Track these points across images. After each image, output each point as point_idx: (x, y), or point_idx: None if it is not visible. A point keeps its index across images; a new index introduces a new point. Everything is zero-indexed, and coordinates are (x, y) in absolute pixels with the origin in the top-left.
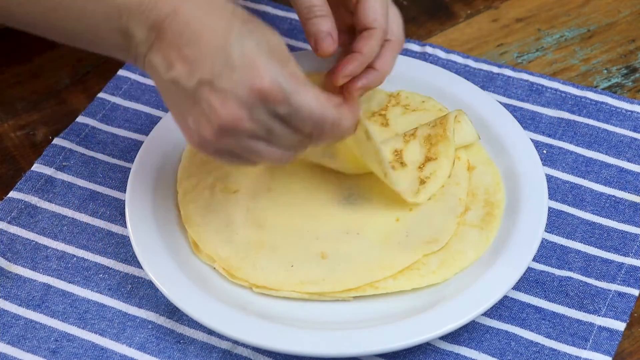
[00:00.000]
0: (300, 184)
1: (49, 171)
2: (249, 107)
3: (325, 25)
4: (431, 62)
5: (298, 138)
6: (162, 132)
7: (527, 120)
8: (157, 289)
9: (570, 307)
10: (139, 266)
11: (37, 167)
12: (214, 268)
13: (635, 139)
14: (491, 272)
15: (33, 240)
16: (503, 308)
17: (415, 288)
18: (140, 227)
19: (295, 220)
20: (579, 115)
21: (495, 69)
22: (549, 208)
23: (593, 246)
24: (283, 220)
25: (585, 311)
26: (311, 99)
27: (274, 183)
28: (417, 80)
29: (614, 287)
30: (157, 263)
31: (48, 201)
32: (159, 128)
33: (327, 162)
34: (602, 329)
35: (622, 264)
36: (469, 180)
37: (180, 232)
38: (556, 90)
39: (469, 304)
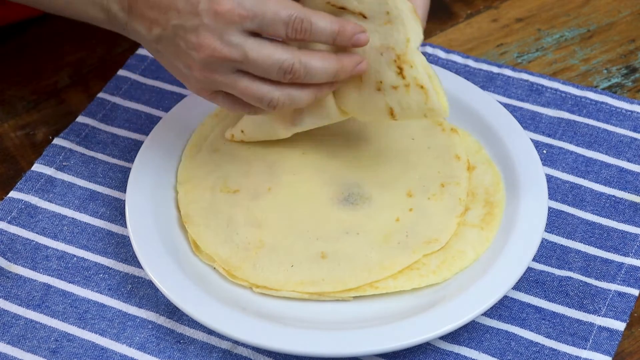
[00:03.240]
0: (300, 184)
1: (49, 171)
2: (220, 33)
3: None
4: (431, 62)
5: (276, 57)
6: (162, 132)
7: (527, 120)
8: (157, 289)
9: (570, 307)
10: (139, 266)
11: (37, 167)
12: (214, 268)
13: (635, 139)
14: (491, 272)
15: (33, 240)
16: (503, 308)
17: (415, 288)
18: (140, 227)
19: (295, 220)
20: (579, 115)
21: (495, 69)
22: (549, 208)
23: (593, 246)
24: (283, 220)
25: (585, 311)
26: (273, 3)
27: (274, 183)
28: None
29: (614, 287)
30: (157, 263)
31: (48, 201)
32: (159, 128)
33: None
34: (602, 329)
35: (622, 264)
36: (469, 180)
37: (180, 232)
38: (556, 90)
39: (469, 304)
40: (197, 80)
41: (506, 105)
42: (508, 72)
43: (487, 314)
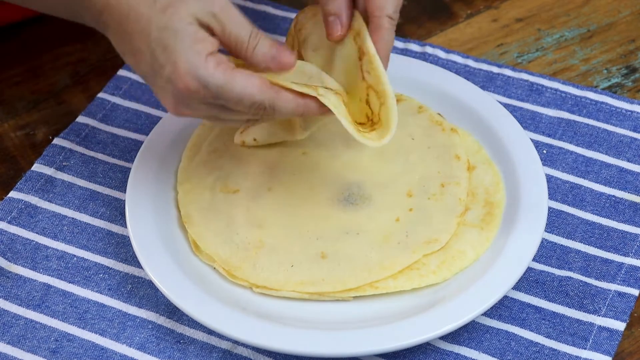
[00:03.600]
0: (300, 184)
1: (49, 171)
2: (185, 101)
3: (335, 7)
4: (431, 62)
5: (244, 118)
6: (162, 132)
7: (527, 120)
8: (157, 289)
9: (570, 307)
10: (139, 266)
11: (37, 167)
12: (214, 268)
13: (635, 139)
14: (491, 272)
15: (33, 240)
16: (503, 308)
17: (415, 288)
18: (140, 227)
19: (295, 220)
20: (579, 115)
21: (495, 69)
22: (549, 208)
23: (593, 246)
24: (283, 220)
25: (585, 311)
26: (238, 89)
27: (274, 183)
28: (417, 81)
29: (614, 287)
30: (157, 263)
31: (48, 201)
32: (159, 128)
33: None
34: (602, 329)
35: (622, 263)
36: (469, 180)
37: (180, 232)
38: (556, 90)
39: (469, 304)
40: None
41: (506, 105)
42: (508, 72)
43: (487, 314)
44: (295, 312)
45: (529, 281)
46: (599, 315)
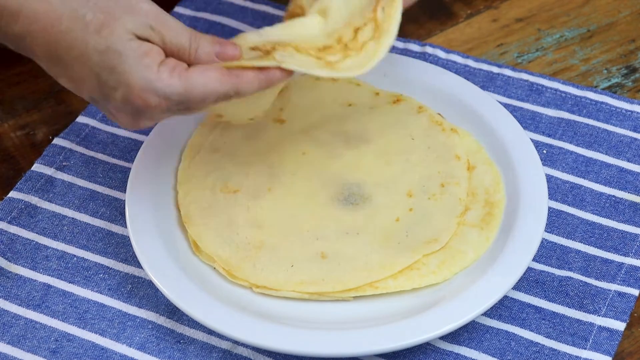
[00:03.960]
0: (300, 184)
1: (49, 171)
2: (146, 116)
3: None
4: (431, 62)
5: (209, 108)
6: (162, 132)
7: (527, 120)
8: (157, 289)
9: (570, 307)
10: (139, 266)
11: (37, 167)
12: (214, 268)
13: (635, 139)
14: (491, 272)
15: (33, 240)
16: (503, 308)
17: (415, 288)
18: (140, 227)
19: (295, 220)
20: (579, 115)
21: (495, 69)
22: (549, 208)
23: (593, 246)
24: (283, 220)
25: (585, 311)
26: (199, 90)
27: (274, 183)
28: (417, 81)
29: (614, 287)
30: (157, 263)
31: (48, 201)
32: (159, 128)
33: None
34: (602, 329)
35: (622, 263)
36: (469, 180)
37: (180, 232)
38: (556, 90)
39: (469, 304)
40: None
41: (506, 105)
42: (508, 72)
43: (487, 314)
44: (295, 312)
45: (529, 281)
46: (599, 315)
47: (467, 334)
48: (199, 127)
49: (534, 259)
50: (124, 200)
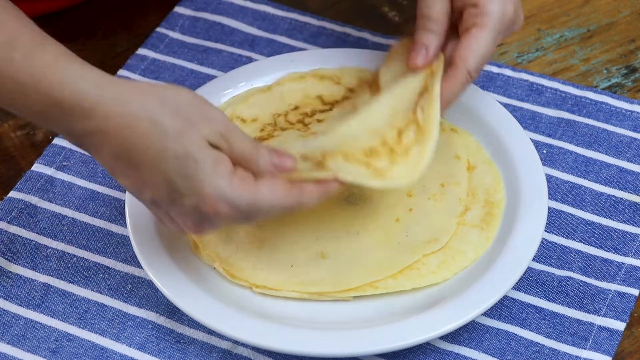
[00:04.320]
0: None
1: (49, 171)
2: (210, 223)
3: (427, 39)
4: None
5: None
6: None
7: (527, 120)
8: (157, 289)
9: (570, 307)
10: (139, 266)
11: (37, 167)
12: (214, 268)
13: (635, 139)
14: (491, 272)
15: (33, 240)
16: (503, 308)
17: (415, 288)
18: (140, 227)
19: (295, 220)
20: (579, 115)
21: (495, 69)
22: (549, 208)
23: (593, 246)
24: (283, 220)
25: (585, 311)
26: (266, 202)
27: None
28: None
29: (613, 287)
30: (157, 263)
31: (48, 201)
32: None
33: None
34: (602, 328)
35: (622, 263)
36: (469, 180)
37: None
38: (556, 90)
39: (469, 304)
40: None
41: (506, 105)
42: (508, 72)
43: (487, 314)
44: (295, 312)
45: (529, 281)
46: (599, 315)
47: (467, 334)
48: None
49: (534, 259)
50: (124, 201)
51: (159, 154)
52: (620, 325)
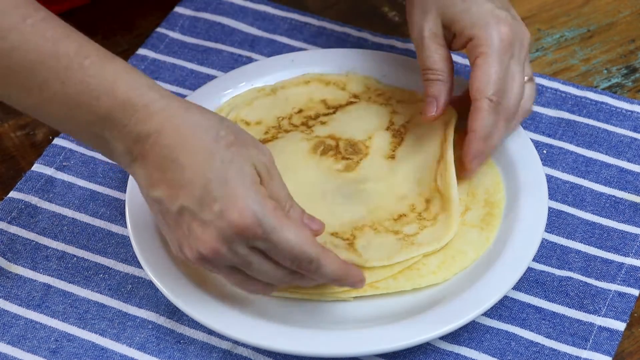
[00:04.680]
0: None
1: (49, 171)
2: (229, 240)
3: (435, 90)
4: None
5: (279, 273)
6: None
7: (527, 120)
8: (157, 289)
9: (570, 307)
10: (139, 266)
11: (37, 167)
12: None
13: (635, 139)
14: (491, 272)
15: (33, 240)
16: (503, 308)
17: (415, 288)
18: (140, 227)
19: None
20: (579, 115)
21: None
22: (549, 208)
23: (593, 246)
24: None
25: (585, 311)
26: (291, 236)
27: None
28: (414, 79)
29: (614, 287)
30: (157, 263)
31: (48, 201)
32: None
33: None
34: (602, 329)
35: (622, 264)
36: (469, 181)
37: None
38: (556, 90)
39: (469, 304)
40: (185, 257)
41: None
42: None
43: (487, 314)
44: (295, 312)
45: (529, 281)
46: (599, 316)
47: (467, 334)
48: None
49: (534, 259)
50: (124, 201)
51: (207, 156)
52: (620, 326)
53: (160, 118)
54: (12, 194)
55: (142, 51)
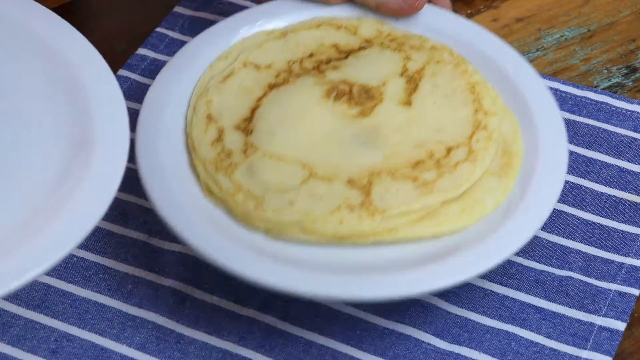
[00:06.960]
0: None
1: None
2: None
3: None
4: None
5: None
6: (168, 75)
7: None
8: (158, 289)
9: (570, 307)
10: (139, 266)
11: None
12: (228, 213)
13: (636, 139)
14: (517, 215)
15: None
16: (503, 308)
17: (436, 235)
18: (152, 165)
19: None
20: (579, 115)
21: None
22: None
23: (593, 246)
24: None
25: (585, 311)
26: None
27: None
28: (432, 28)
29: (614, 287)
30: (168, 199)
31: None
32: (165, 71)
33: None
34: (602, 329)
35: (623, 263)
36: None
37: (192, 176)
38: (556, 90)
39: (499, 246)
40: None
41: None
42: None
43: (487, 314)
44: (312, 257)
45: (529, 281)
46: (600, 315)
47: (467, 334)
48: (208, 70)
49: (534, 259)
50: (124, 200)
51: None
52: (620, 326)
53: None
54: None
55: (142, 51)
